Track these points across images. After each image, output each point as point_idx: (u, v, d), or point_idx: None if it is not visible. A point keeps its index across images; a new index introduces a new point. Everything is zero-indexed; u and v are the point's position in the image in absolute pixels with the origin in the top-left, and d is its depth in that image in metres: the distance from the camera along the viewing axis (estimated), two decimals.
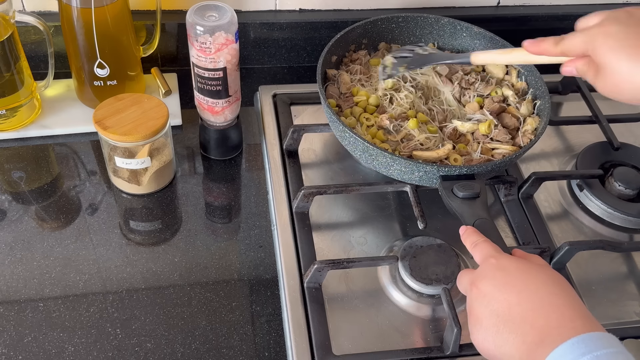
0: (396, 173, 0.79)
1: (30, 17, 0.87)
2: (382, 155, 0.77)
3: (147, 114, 0.81)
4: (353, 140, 0.79)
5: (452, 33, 0.97)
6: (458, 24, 0.96)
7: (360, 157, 0.81)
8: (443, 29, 0.97)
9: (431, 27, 0.97)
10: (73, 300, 0.74)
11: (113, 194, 0.87)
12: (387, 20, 0.96)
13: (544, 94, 0.87)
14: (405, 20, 0.96)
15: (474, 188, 0.75)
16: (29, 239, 0.80)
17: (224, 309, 0.75)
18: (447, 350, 0.70)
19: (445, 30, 0.97)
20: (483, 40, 0.95)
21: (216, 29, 0.78)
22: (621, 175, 0.88)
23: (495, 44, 0.94)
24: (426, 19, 0.96)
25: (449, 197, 0.75)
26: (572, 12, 1.12)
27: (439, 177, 0.77)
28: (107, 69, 0.90)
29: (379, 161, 0.79)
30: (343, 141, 0.83)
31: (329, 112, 0.82)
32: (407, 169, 0.77)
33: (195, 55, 0.81)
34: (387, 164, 0.79)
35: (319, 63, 0.86)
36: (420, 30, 0.97)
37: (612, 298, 0.79)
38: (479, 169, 0.77)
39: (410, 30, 0.97)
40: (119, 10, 0.87)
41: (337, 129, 0.83)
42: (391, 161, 0.77)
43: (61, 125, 0.94)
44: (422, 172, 0.77)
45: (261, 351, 0.71)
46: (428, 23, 0.96)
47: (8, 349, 0.69)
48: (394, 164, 0.78)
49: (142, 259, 0.79)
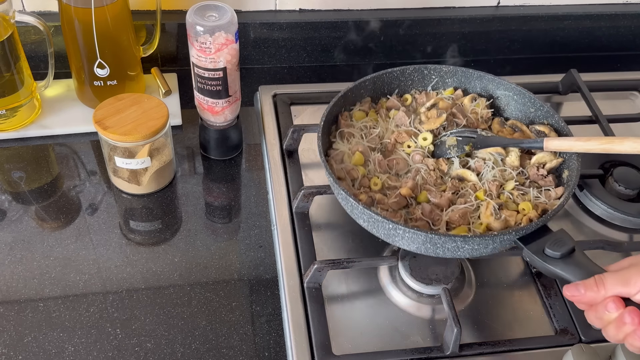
0: (464, 252, 0.70)
1: (30, 17, 0.87)
2: (452, 240, 0.68)
3: (147, 114, 0.81)
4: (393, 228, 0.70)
5: (420, 79, 0.91)
6: (425, 69, 0.90)
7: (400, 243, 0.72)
8: (411, 77, 0.90)
9: (398, 80, 0.90)
10: (73, 300, 0.74)
11: (113, 194, 0.87)
12: (357, 87, 0.87)
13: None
14: (373, 81, 0.88)
15: (565, 241, 0.67)
16: (29, 239, 0.80)
17: (224, 309, 0.75)
18: (447, 350, 0.70)
19: (414, 78, 0.90)
20: (455, 78, 0.90)
21: (216, 29, 0.78)
22: (621, 175, 0.88)
23: (469, 76, 0.90)
24: (391, 74, 0.89)
25: (546, 262, 0.66)
26: (572, 12, 1.12)
27: (514, 242, 0.69)
28: (107, 69, 0.90)
29: (443, 248, 0.69)
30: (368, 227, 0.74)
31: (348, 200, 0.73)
32: (482, 244, 0.69)
33: (195, 55, 0.81)
34: (455, 248, 0.69)
35: (318, 141, 0.78)
36: (388, 86, 0.90)
37: None
38: (551, 215, 0.70)
39: (379, 89, 0.90)
40: (119, 10, 0.87)
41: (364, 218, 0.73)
42: (461, 243, 0.68)
43: (61, 125, 0.94)
44: (497, 242, 0.69)
45: (261, 351, 0.71)
46: (394, 77, 0.89)
47: (8, 349, 0.69)
48: (464, 244, 0.68)
49: (142, 259, 0.79)
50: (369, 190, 0.79)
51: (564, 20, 1.12)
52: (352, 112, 0.88)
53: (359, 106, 0.88)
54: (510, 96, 0.88)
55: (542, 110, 0.85)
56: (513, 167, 0.81)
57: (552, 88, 1.05)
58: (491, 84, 0.89)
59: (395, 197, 0.76)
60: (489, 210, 0.74)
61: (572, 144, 0.76)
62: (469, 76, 0.90)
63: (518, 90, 0.87)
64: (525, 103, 0.87)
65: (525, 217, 0.74)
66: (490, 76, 0.89)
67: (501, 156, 0.82)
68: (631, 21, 1.14)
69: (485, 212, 0.74)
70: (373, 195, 0.77)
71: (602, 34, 1.16)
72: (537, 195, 0.78)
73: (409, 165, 0.82)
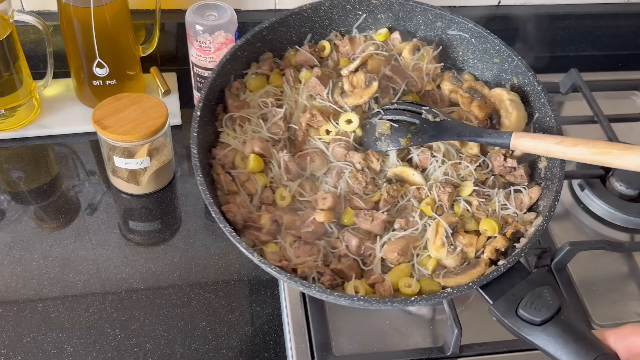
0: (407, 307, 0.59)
1: (29, 17, 0.87)
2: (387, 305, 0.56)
3: (147, 113, 0.81)
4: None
5: (342, 18, 0.67)
6: (347, 2, 0.65)
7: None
8: (328, 16, 0.64)
9: (311, 22, 0.64)
10: (72, 300, 0.74)
11: (112, 194, 0.86)
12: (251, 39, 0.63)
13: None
14: (273, 28, 0.62)
15: (548, 298, 0.49)
16: (28, 239, 0.80)
17: (223, 310, 0.75)
18: (448, 351, 0.70)
19: (332, 16, 0.63)
20: (390, 12, 0.67)
21: (216, 28, 0.78)
22: (622, 175, 0.88)
23: (409, 10, 0.67)
24: (299, 14, 0.63)
25: (520, 330, 0.50)
26: (572, 11, 1.11)
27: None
28: (106, 68, 0.90)
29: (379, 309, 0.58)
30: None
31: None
32: (429, 302, 0.56)
33: (195, 55, 0.80)
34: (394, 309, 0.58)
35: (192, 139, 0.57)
36: (296, 32, 0.66)
37: (613, 298, 0.78)
38: (518, 256, 0.54)
39: (283, 37, 0.65)
40: (118, 9, 0.87)
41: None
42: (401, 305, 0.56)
43: (60, 125, 0.93)
44: (450, 297, 0.56)
45: (261, 351, 0.71)
46: (304, 18, 0.64)
47: (7, 349, 0.69)
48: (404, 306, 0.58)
49: (142, 259, 0.79)
50: (274, 209, 0.60)
51: (565, 19, 1.11)
52: (246, 79, 0.65)
53: (255, 68, 0.66)
54: (466, 40, 0.67)
55: (510, 62, 0.64)
56: (471, 157, 0.63)
57: (553, 88, 1.05)
58: (440, 21, 0.67)
59: (309, 226, 0.58)
60: (439, 238, 0.57)
61: (550, 148, 0.57)
62: (409, 10, 0.67)
63: (477, 31, 0.65)
64: (487, 50, 0.66)
65: (489, 246, 0.58)
66: (438, 10, 0.66)
67: (455, 147, 0.63)
68: (632, 20, 1.14)
69: (435, 241, 0.58)
70: (280, 217, 0.59)
71: (603, 34, 1.15)
72: (504, 202, 0.61)
73: (328, 162, 0.63)
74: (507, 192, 0.62)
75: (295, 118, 0.63)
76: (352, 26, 0.67)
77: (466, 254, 0.57)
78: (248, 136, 0.61)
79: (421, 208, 0.59)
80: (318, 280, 0.57)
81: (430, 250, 0.58)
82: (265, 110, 0.63)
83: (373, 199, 0.60)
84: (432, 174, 0.62)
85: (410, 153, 0.62)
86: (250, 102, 0.64)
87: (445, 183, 0.60)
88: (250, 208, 0.59)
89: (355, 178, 0.60)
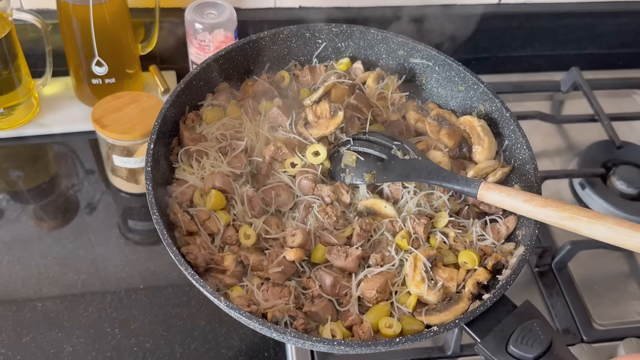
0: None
1: (28, 15, 0.86)
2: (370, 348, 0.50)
3: (146, 112, 0.80)
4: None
5: (301, 46, 0.65)
6: (306, 30, 0.64)
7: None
8: (287, 44, 0.63)
9: (269, 50, 0.62)
10: (71, 300, 0.74)
11: (111, 193, 0.86)
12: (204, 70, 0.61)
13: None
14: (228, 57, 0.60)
15: (540, 332, 0.47)
16: (27, 239, 0.80)
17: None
18: (448, 350, 0.69)
19: (291, 45, 0.63)
20: (350, 41, 0.65)
21: (215, 26, 0.78)
22: (623, 174, 0.88)
23: (370, 39, 0.66)
24: (257, 42, 0.61)
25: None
26: (573, 10, 1.11)
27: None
28: (105, 67, 0.90)
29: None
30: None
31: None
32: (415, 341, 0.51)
33: (194, 53, 0.80)
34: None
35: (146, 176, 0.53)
36: (253, 61, 0.63)
37: (613, 297, 0.78)
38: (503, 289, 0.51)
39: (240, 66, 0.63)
40: (117, 7, 0.87)
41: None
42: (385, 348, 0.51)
43: (59, 123, 0.93)
44: (437, 335, 0.52)
45: (261, 351, 0.71)
46: (262, 47, 0.62)
47: (6, 348, 0.69)
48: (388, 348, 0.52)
49: (141, 258, 0.79)
50: (238, 249, 0.56)
51: (566, 17, 1.11)
52: (202, 111, 0.62)
53: (210, 99, 0.63)
54: (430, 68, 0.64)
55: (475, 90, 0.62)
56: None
57: (554, 86, 1.04)
58: (402, 49, 0.64)
59: (278, 266, 0.53)
60: (418, 273, 0.53)
61: (518, 205, 0.53)
62: (370, 38, 0.64)
63: (441, 59, 0.62)
64: (451, 78, 0.63)
65: (471, 280, 0.55)
66: (401, 38, 0.63)
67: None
68: (633, 19, 1.14)
69: (414, 276, 0.54)
70: (245, 257, 0.55)
71: (605, 32, 1.15)
72: (481, 233, 0.59)
73: (295, 196, 0.58)
74: (483, 223, 0.60)
75: (258, 151, 0.59)
76: (312, 55, 0.65)
77: (447, 289, 0.54)
78: (207, 171, 0.56)
79: (397, 242, 0.56)
80: (291, 325, 0.54)
81: (409, 286, 0.54)
82: (224, 143, 0.59)
83: (345, 234, 0.57)
84: (404, 206, 0.59)
85: (381, 184, 0.59)
86: (208, 135, 0.59)
87: (420, 215, 0.57)
88: (212, 249, 0.55)
89: (325, 212, 0.56)
